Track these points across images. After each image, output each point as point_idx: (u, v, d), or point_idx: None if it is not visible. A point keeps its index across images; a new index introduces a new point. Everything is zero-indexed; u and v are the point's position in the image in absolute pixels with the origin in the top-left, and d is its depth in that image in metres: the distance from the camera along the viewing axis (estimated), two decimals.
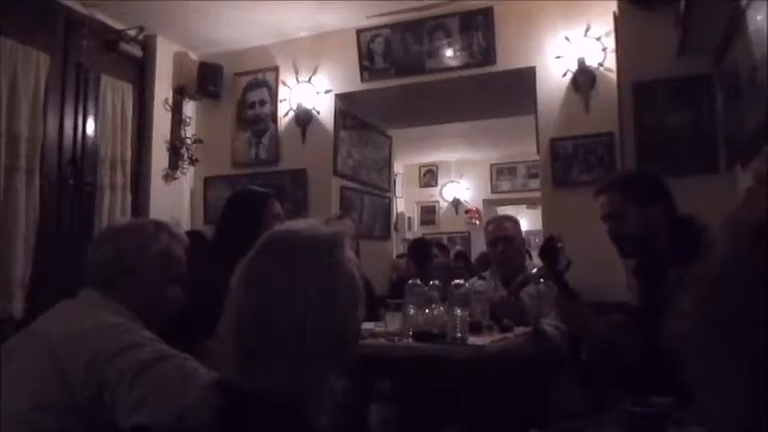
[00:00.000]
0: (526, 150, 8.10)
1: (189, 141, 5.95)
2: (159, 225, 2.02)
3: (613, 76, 4.67)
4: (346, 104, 5.95)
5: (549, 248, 2.68)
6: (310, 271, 1.20)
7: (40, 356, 1.65)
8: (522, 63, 5.07)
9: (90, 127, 5.08)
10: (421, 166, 11.13)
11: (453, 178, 10.87)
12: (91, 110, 5.09)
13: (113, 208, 5.12)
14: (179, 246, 2.01)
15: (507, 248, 3.96)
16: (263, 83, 6.01)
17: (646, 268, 2.61)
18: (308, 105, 5.76)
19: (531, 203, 10.13)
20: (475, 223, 10.52)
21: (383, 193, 6.92)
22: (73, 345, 1.64)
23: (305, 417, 1.19)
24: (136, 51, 5.55)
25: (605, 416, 1.99)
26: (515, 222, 4.15)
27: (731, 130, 3.82)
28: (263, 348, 1.17)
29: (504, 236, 3.98)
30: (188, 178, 6.07)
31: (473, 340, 2.93)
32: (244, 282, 1.23)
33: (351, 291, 1.24)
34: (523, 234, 4.32)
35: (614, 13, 4.62)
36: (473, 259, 8.26)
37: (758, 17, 2.79)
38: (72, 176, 4.92)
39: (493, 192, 10.66)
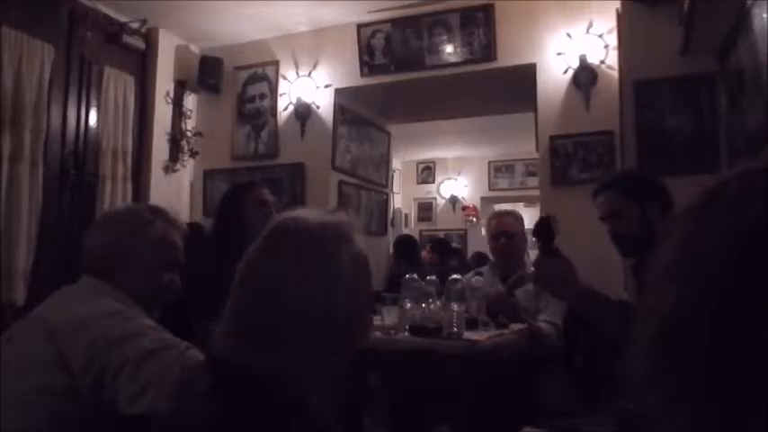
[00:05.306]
0: (525, 148, 8.09)
1: (189, 134, 5.97)
2: (155, 211, 1.99)
3: (615, 73, 4.65)
4: (345, 99, 5.95)
5: (545, 228, 2.55)
6: (318, 257, 1.21)
7: (40, 342, 1.64)
8: (522, 60, 5.04)
9: (92, 118, 5.14)
10: (419, 163, 11.11)
11: (451, 175, 10.85)
12: (93, 101, 5.14)
13: (114, 198, 5.15)
14: (176, 232, 1.98)
15: (508, 243, 3.94)
16: (263, 77, 6.01)
17: (644, 267, 2.59)
18: (307, 100, 5.76)
19: (528, 201, 10.09)
20: (472, 221, 10.53)
21: (381, 188, 6.92)
22: (73, 330, 1.63)
23: (304, 400, 1.20)
24: (138, 44, 5.57)
25: (600, 413, 1.98)
26: (518, 218, 4.12)
27: (733, 129, 3.80)
28: (268, 331, 1.18)
29: (505, 231, 3.97)
30: (188, 170, 6.09)
31: (469, 335, 2.95)
32: (252, 265, 1.24)
33: (356, 277, 1.25)
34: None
35: (617, 10, 4.59)
36: (468, 257, 8.24)
37: (764, 15, 2.77)
38: (74, 167, 4.98)
39: (490, 189, 10.63)
